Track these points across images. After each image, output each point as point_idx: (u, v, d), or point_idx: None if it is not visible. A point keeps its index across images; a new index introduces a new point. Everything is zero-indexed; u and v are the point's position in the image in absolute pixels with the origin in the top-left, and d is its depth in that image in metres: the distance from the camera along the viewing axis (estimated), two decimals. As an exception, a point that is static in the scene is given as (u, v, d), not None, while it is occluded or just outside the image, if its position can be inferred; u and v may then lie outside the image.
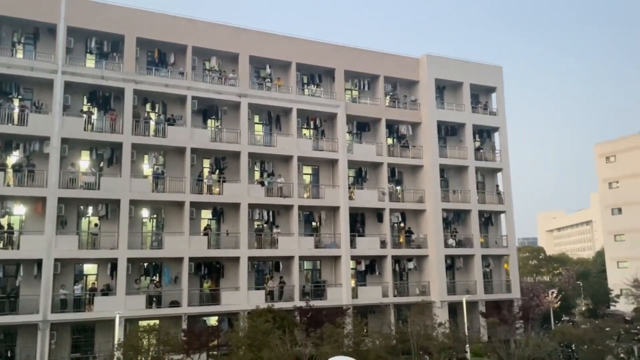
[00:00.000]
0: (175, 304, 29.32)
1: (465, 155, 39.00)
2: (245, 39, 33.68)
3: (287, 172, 33.98)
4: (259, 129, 34.42)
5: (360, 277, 35.53)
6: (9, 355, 26.24)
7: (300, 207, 33.57)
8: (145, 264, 30.07)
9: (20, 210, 27.97)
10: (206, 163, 32.45)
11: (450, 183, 39.33)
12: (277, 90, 34.47)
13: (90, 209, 29.30)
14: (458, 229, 38.82)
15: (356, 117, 36.69)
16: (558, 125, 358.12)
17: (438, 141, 38.21)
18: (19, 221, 27.95)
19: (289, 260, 32.96)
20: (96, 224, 29.11)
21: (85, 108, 29.79)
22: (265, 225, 33.30)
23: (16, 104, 28.46)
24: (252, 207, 32.21)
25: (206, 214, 32.06)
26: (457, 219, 39.03)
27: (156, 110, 31.68)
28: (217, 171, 32.20)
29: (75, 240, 27.83)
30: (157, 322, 27.88)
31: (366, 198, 35.58)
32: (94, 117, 29.92)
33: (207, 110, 32.64)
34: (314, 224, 34.89)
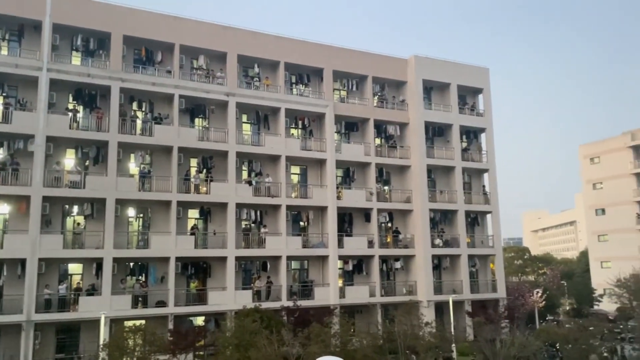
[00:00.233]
0: (161, 304, 29.12)
1: (452, 155, 39.26)
2: (234, 38, 33.56)
3: (275, 171, 33.92)
4: (246, 128, 34.32)
5: (348, 277, 35.60)
6: (-8, 355, 25.93)
7: (288, 207, 33.54)
8: (131, 264, 29.81)
9: (4, 209, 27.58)
10: (193, 162, 32.27)
11: (438, 183, 39.59)
12: (265, 89, 34.42)
13: (75, 208, 29.03)
14: (445, 229, 39.03)
15: (344, 117, 36.75)
16: (544, 126, 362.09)
17: (425, 142, 38.45)
18: (3, 220, 27.56)
19: (276, 260, 32.91)
20: (79, 223, 28.82)
21: (70, 106, 29.49)
22: (253, 224, 33.22)
23: (0, 101, 28.05)
24: (239, 206, 32.13)
25: (193, 213, 31.90)
26: (444, 219, 39.25)
27: (143, 109, 31.44)
28: (205, 170, 32.04)
29: (60, 240, 27.53)
30: (143, 322, 27.75)
31: (354, 198, 35.66)
32: (80, 115, 29.58)
33: (194, 109, 32.47)
34: (301, 223, 34.88)
